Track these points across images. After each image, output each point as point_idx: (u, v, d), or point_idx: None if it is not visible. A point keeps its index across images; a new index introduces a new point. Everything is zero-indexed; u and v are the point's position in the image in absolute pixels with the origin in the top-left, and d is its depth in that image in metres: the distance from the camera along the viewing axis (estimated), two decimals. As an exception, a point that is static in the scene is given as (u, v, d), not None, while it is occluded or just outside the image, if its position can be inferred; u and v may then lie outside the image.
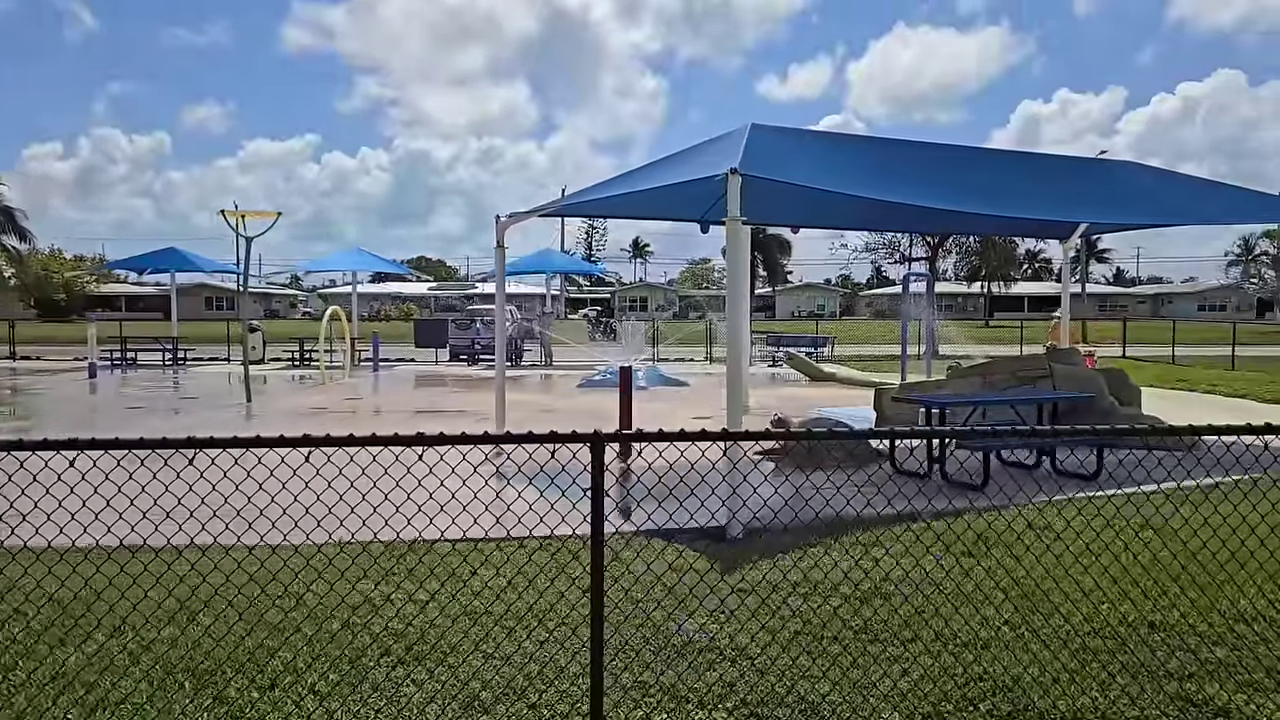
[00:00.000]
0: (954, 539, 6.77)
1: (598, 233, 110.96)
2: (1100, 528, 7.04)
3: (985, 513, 7.68)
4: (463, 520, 4.73)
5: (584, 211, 11.15)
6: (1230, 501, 6.80)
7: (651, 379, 19.60)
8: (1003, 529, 6.90)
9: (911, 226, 17.13)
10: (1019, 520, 7.35)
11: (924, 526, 7.25)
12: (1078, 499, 8.19)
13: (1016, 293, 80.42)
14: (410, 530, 5.18)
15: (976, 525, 7.10)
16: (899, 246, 38.60)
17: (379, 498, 4.25)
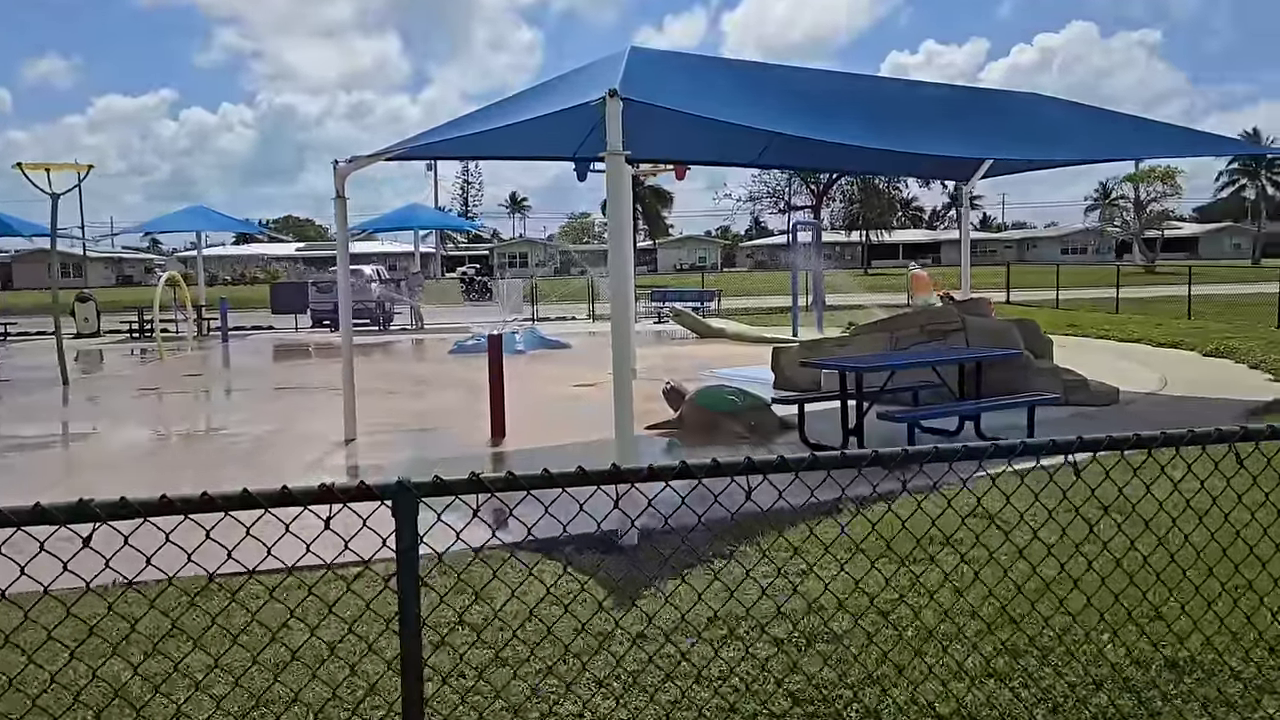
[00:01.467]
0: (893, 536, 5.62)
1: (473, 187, 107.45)
2: (1059, 511, 6.01)
3: (919, 496, 6.58)
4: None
5: (439, 153, 9.58)
6: (1195, 474, 5.89)
7: (530, 342, 18.14)
8: (949, 523, 5.79)
9: (809, 163, 16.02)
10: (962, 505, 6.26)
11: (851, 516, 6.08)
12: (1020, 472, 7.16)
13: (892, 241, 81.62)
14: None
15: (915, 517, 5.98)
16: (783, 195, 37.84)
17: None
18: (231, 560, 2.22)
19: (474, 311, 27.88)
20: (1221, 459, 3.10)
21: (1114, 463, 3.85)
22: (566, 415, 10.67)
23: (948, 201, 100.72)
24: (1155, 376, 12.26)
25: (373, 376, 14.79)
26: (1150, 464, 3.58)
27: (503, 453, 8.71)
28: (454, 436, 9.38)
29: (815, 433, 8.59)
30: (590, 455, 8.69)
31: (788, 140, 10.90)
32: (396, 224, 26.72)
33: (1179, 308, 23.42)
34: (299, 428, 10.09)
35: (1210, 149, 10.93)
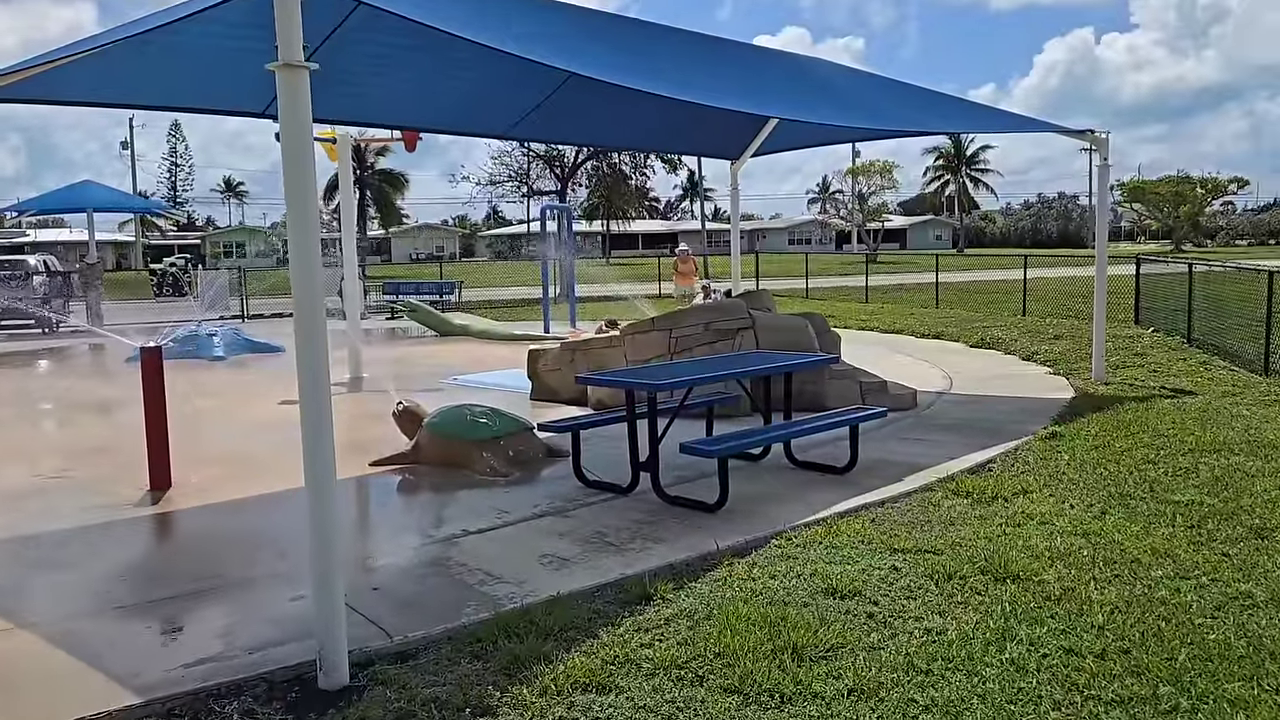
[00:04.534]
0: (725, 643, 3.81)
1: (182, 169, 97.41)
2: (936, 576, 4.45)
3: (749, 559, 4.84)
4: None
5: (72, 95, 6.80)
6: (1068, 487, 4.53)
7: (232, 345, 15.11)
8: (794, 606, 4.06)
9: (570, 136, 14.17)
10: (809, 575, 4.57)
11: (662, 614, 4.23)
12: (862, 513, 5.63)
13: (633, 231, 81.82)
14: None
15: (745, 602, 4.21)
16: (526, 179, 35.80)
17: None
18: None
19: (167, 310, 23.90)
20: None
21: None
22: (265, 447, 8.17)
23: (680, 194, 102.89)
24: (938, 373, 11.42)
25: (12, 398, 11.46)
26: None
27: (163, 515, 6.18)
28: (95, 491, 6.70)
29: (594, 463, 6.72)
30: (291, 513, 6.35)
31: (551, 109, 8.97)
32: (63, 205, 22.24)
33: (920, 296, 23.71)
34: None
35: (1012, 125, 10.10)
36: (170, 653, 3.98)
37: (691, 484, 6.36)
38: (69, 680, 3.74)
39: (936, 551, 4.87)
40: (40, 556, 5.37)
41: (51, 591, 4.79)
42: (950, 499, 5.89)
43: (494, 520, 5.78)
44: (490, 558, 5.07)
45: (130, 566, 5.32)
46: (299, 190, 3.54)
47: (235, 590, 4.71)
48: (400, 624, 4.16)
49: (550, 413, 9.01)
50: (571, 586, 4.55)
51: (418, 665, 3.76)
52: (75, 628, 4.23)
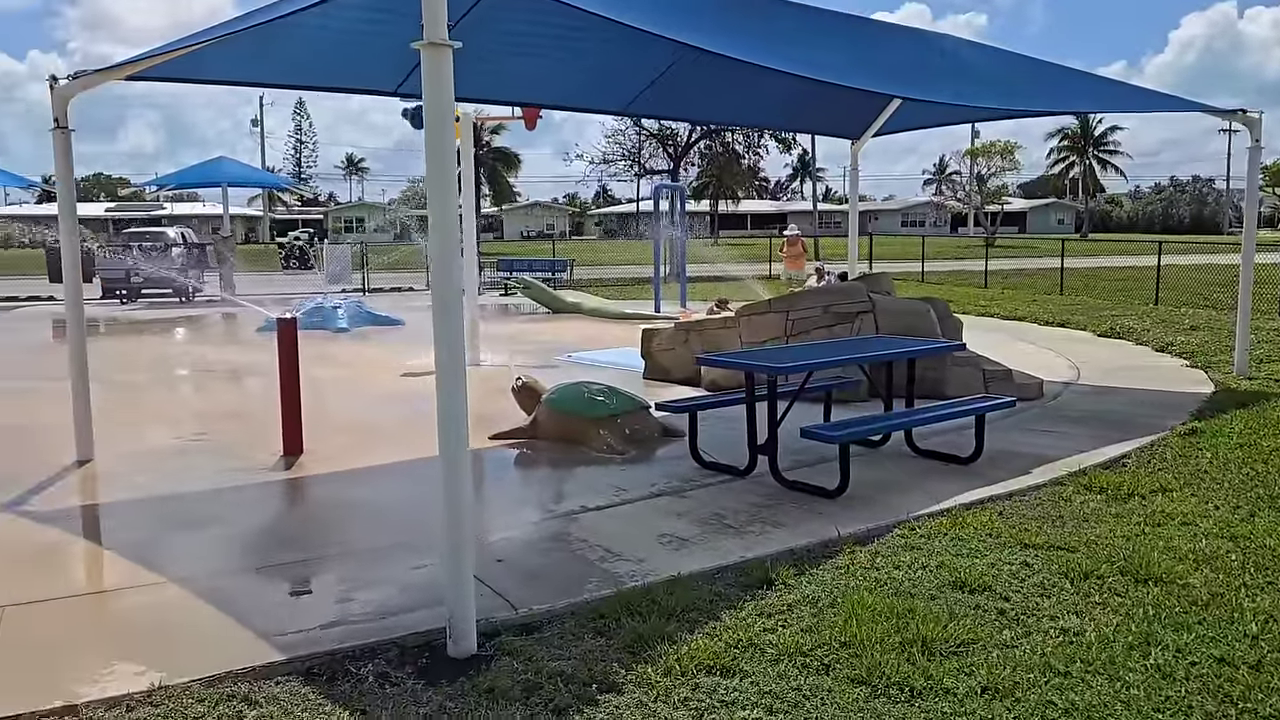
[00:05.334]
0: (851, 633, 3.74)
1: (307, 147, 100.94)
2: (1071, 575, 4.29)
3: (870, 547, 4.75)
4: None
5: (211, 74, 7.09)
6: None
7: (355, 317, 15.59)
8: (921, 598, 3.96)
9: (687, 113, 14.08)
10: (934, 567, 4.47)
11: (784, 600, 4.18)
12: (988, 505, 5.47)
13: (741, 211, 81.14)
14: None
15: (869, 592, 4.13)
16: (638, 158, 35.83)
17: None
18: None
19: (294, 282, 24.81)
20: None
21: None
22: (390, 418, 8.43)
23: (791, 174, 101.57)
24: (1064, 363, 11.00)
25: (154, 364, 12.07)
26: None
27: (294, 480, 6.43)
28: (232, 455, 7.00)
29: (710, 444, 6.69)
30: (416, 484, 6.57)
31: (669, 85, 8.92)
32: (200, 180, 23.31)
33: (1043, 281, 22.88)
34: (17, 445, 7.50)
35: (1154, 105, 9.58)
36: (306, 613, 4.14)
37: (810, 469, 6.27)
38: (217, 633, 3.92)
39: (1070, 549, 4.69)
40: (184, 515, 5.64)
41: (196, 549, 5.03)
42: (1082, 494, 5.67)
43: (612, 498, 5.82)
44: (609, 535, 5.11)
45: (267, 528, 5.56)
46: (440, 167, 3.60)
47: (364, 556, 4.86)
48: (524, 596, 4.23)
49: (663, 392, 9.01)
50: (691, 567, 4.55)
51: (542, 638, 3.81)
52: (219, 584, 4.43)
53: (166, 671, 3.50)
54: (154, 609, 4.21)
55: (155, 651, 3.72)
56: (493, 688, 3.38)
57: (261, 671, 3.55)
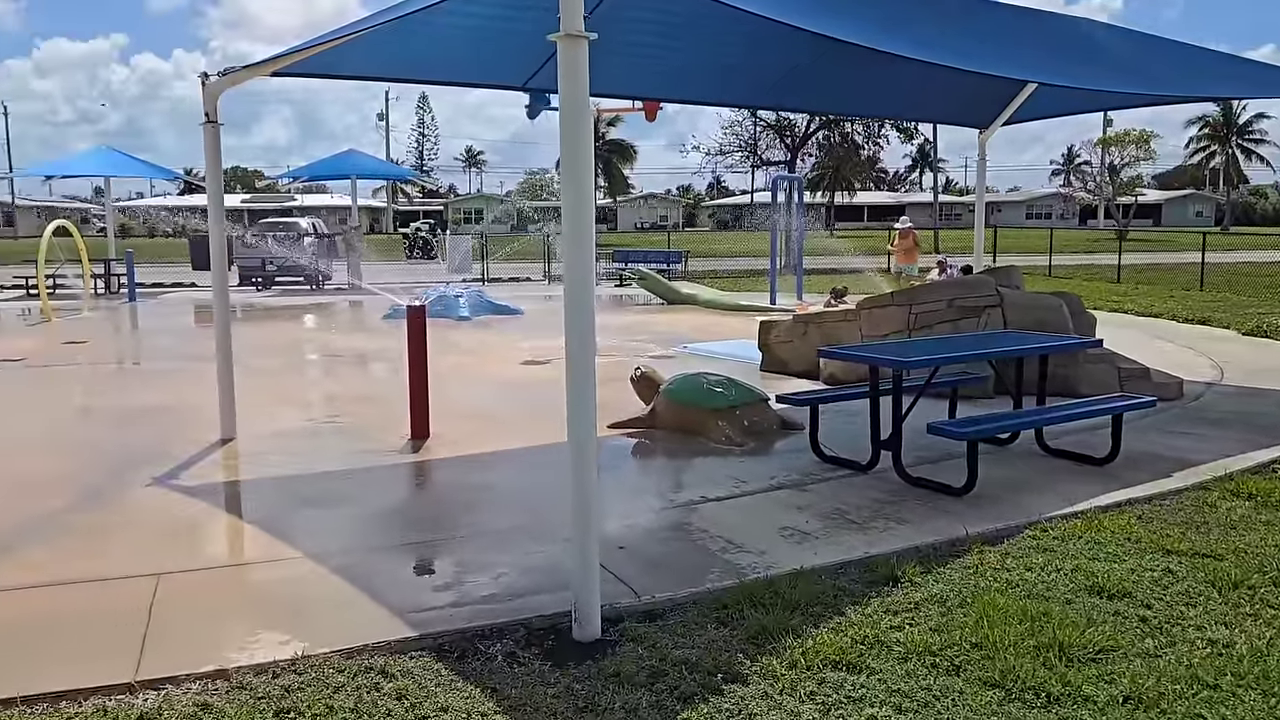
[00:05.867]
0: (982, 634, 3.64)
1: (429, 140, 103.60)
2: (1218, 584, 4.08)
3: (1000, 548, 4.62)
4: None
5: (348, 70, 7.35)
6: None
7: (476, 306, 15.95)
8: (1056, 602, 3.81)
9: (815, 104, 13.87)
10: (1070, 570, 4.32)
11: (910, 598, 4.10)
12: (1126, 509, 5.26)
13: (857, 202, 79.67)
14: None
15: (1000, 593, 4.01)
16: (755, 149, 35.54)
17: None
18: None
19: (417, 271, 25.51)
20: None
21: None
22: (512, 405, 8.60)
23: (910, 164, 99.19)
24: (1205, 362, 10.45)
25: (288, 347, 12.59)
26: None
27: (421, 463, 6.63)
28: (361, 437, 7.26)
29: (830, 438, 6.61)
30: (537, 470, 6.71)
31: (798, 76, 8.81)
32: (331, 172, 24.19)
33: (1181, 277, 21.80)
34: (168, 422, 7.92)
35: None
36: (436, 591, 4.26)
37: (933, 466, 6.13)
38: (352, 607, 4.08)
39: (1217, 556, 4.46)
40: (319, 494, 5.88)
41: (330, 526, 5.23)
42: (1229, 500, 5.39)
43: (731, 489, 5.81)
44: (730, 526, 5.10)
45: (397, 509, 5.75)
46: (575, 159, 3.64)
47: (490, 538, 4.98)
48: (647, 584, 4.26)
49: (780, 384, 8.94)
50: (814, 561, 4.50)
51: (665, 626, 3.83)
52: (353, 561, 4.61)
53: (308, 642, 3.66)
54: (293, 582, 4.41)
55: (297, 622, 3.90)
56: (618, 672, 3.43)
57: (396, 646, 3.67)
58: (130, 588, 4.28)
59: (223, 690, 3.34)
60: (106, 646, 3.69)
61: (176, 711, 3.18)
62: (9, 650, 3.69)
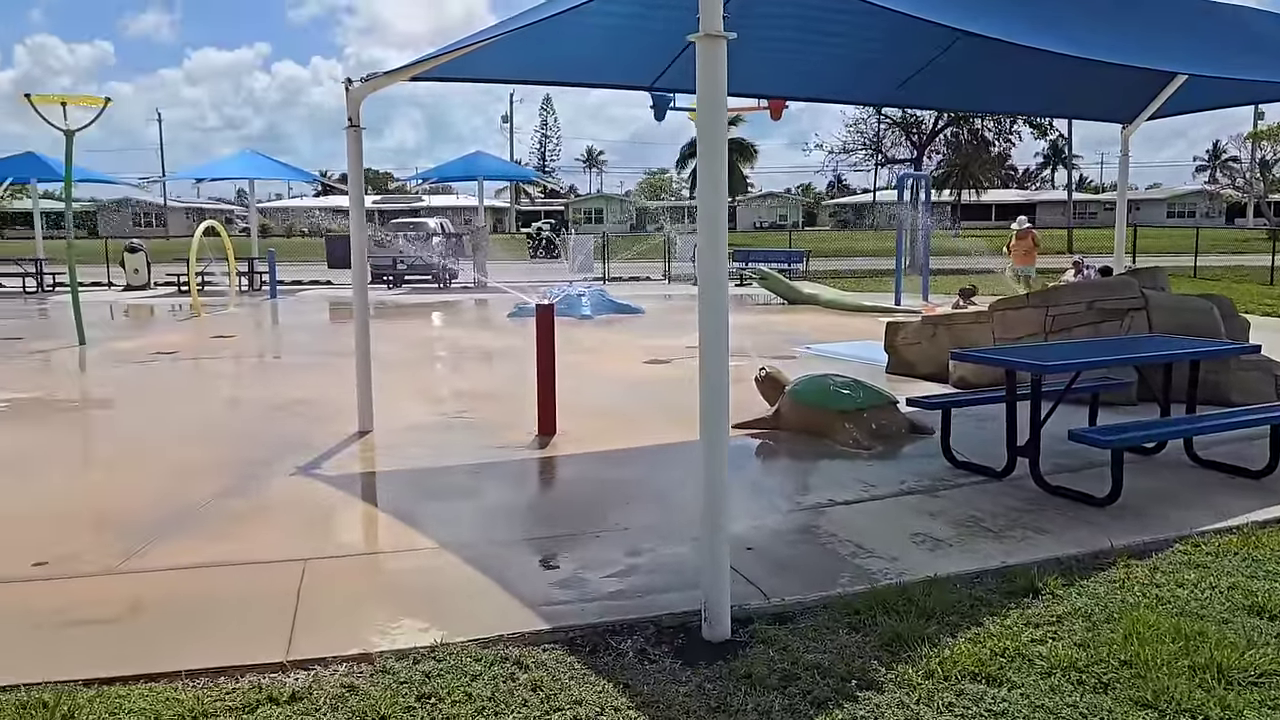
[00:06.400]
0: (1132, 652, 3.48)
1: (551, 141, 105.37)
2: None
3: (1149, 562, 4.41)
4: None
5: (481, 73, 7.54)
6: None
7: (599, 305, 16.15)
8: (1212, 621, 3.60)
9: (947, 102, 13.47)
10: (1225, 588, 4.10)
11: (1053, 611, 3.95)
12: (1285, 529, 4.95)
13: (985, 200, 77.22)
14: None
15: (1150, 609, 3.83)
16: (880, 146, 34.82)
17: None
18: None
19: (540, 270, 25.96)
20: None
21: None
22: (635, 404, 8.67)
23: (1042, 160, 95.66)
24: (1373, 369, 9.73)
25: (418, 344, 12.99)
26: None
27: (549, 459, 6.75)
28: (490, 433, 7.42)
29: (961, 443, 6.43)
30: (664, 468, 6.75)
31: (928, 73, 8.60)
32: (461, 173, 24.83)
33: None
34: (309, 414, 8.27)
35: None
36: (566, 586, 4.33)
37: (1072, 474, 5.90)
38: (487, 598, 4.18)
39: (1392, 579, 4.16)
40: (452, 486, 6.05)
41: (464, 518, 5.38)
42: None
43: (859, 493, 5.72)
44: (859, 530, 5.02)
45: (527, 503, 5.87)
46: (712, 159, 3.65)
47: (618, 535, 5.03)
48: (776, 586, 4.24)
49: (907, 387, 8.75)
50: (948, 569, 4.39)
51: (796, 629, 3.80)
52: (486, 552, 4.72)
53: (446, 630, 3.77)
54: (429, 571, 4.54)
55: (434, 610, 4.02)
56: (749, 673, 3.41)
57: (529, 638, 3.75)
58: (279, 571, 4.49)
59: (367, 673, 3.47)
60: (259, 627, 3.89)
61: (325, 692, 3.32)
62: (173, 625, 3.92)
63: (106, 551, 4.77)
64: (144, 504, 5.57)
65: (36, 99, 12.63)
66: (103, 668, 3.48)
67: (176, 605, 4.14)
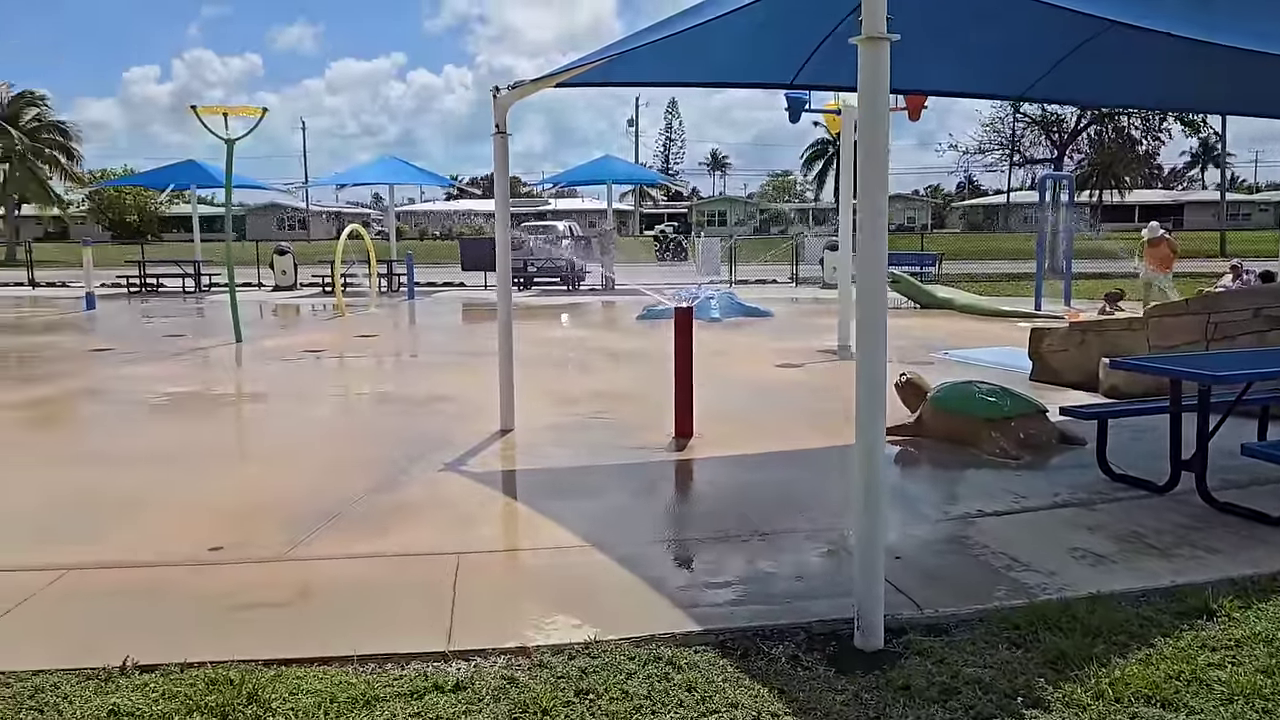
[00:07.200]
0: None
1: (675, 144, 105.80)
2: None
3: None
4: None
5: (622, 78, 7.65)
6: None
7: (727, 308, 16.12)
8: None
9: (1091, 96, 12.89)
10: None
11: (1230, 634, 3.75)
12: None
13: (1128, 201, 73.87)
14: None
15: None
16: (1017, 146, 33.56)
17: None
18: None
19: (667, 272, 26.09)
20: None
21: None
22: (770, 408, 8.63)
23: (1190, 159, 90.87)
24: None
25: (549, 344, 13.23)
26: None
27: (687, 461, 6.77)
28: (627, 433, 7.51)
29: (1115, 455, 6.16)
30: (804, 473, 6.67)
31: (1072, 66, 8.28)
32: (589, 177, 25.21)
33: None
34: (451, 412, 8.54)
35: None
36: (714, 589, 4.34)
37: (1241, 491, 5.58)
38: (637, 598, 4.23)
39: None
40: (595, 485, 6.15)
41: (607, 517, 5.45)
42: None
43: (1010, 504, 5.55)
44: (1012, 542, 4.87)
45: (669, 505, 5.92)
46: (874, 162, 3.60)
47: (763, 539, 5.01)
48: (929, 597, 4.15)
49: (1053, 396, 8.43)
50: (1112, 586, 4.22)
51: (952, 642, 3.71)
52: (632, 552, 4.77)
53: (600, 628, 3.83)
54: (579, 569, 4.62)
55: (585, 607, 4.09)
56: (907, 685, 3.35)
57: (680, 639, 3.77)
58: (434, 564, 4.65)
59: (525, 667, 3.56)
60: (420, 617, 4.03)
61: (487, 683, 3.42)
62: (339, 612, 4.10)
63: (272, 540, 5.03)
64: (302, 496, 5.84)
65: (201, 110, 13.40)
66: (279, 649, 3.67)
67: (341, 592, 4.33)
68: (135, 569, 4.63)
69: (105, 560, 4.73)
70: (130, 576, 4.54)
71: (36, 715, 3.23)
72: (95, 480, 6.33)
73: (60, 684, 3.42)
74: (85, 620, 4.05)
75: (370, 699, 3.31)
